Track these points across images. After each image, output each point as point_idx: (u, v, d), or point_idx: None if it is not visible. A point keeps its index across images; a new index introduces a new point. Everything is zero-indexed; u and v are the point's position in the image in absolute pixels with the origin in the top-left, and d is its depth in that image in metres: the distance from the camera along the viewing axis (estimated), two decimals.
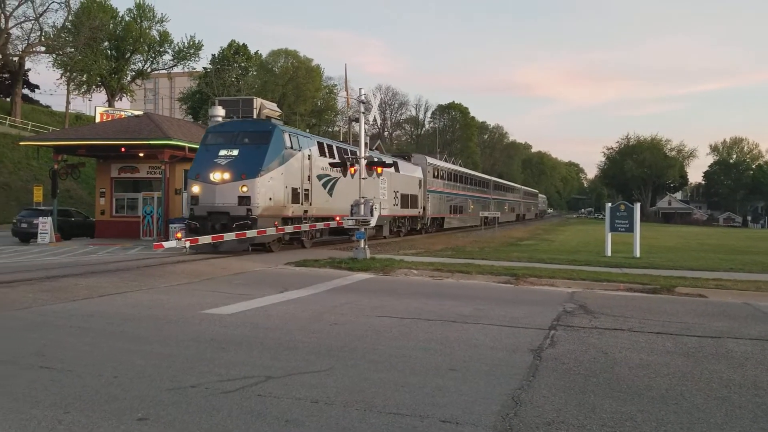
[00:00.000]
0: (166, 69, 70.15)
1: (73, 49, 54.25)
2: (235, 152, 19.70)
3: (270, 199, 19.50)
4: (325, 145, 24.11)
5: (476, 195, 52.98)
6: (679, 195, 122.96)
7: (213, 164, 19.59)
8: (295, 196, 20.91)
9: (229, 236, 18.90)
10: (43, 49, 53.69)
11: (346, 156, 22.19)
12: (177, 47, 67.39)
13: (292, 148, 20.78)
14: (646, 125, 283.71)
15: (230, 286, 12.38)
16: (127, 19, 64.05)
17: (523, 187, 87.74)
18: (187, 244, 15.71)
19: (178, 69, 70.47)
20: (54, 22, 54.50)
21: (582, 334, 8.20)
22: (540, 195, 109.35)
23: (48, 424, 4.42)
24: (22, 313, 8.96)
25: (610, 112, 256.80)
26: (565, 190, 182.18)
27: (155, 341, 7.34)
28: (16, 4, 47.16)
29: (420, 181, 35.58)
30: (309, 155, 21.90)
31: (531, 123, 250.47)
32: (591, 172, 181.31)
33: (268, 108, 22.30)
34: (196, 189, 19.63)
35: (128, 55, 65.02)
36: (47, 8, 52.46)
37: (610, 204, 23.08)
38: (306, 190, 21.69)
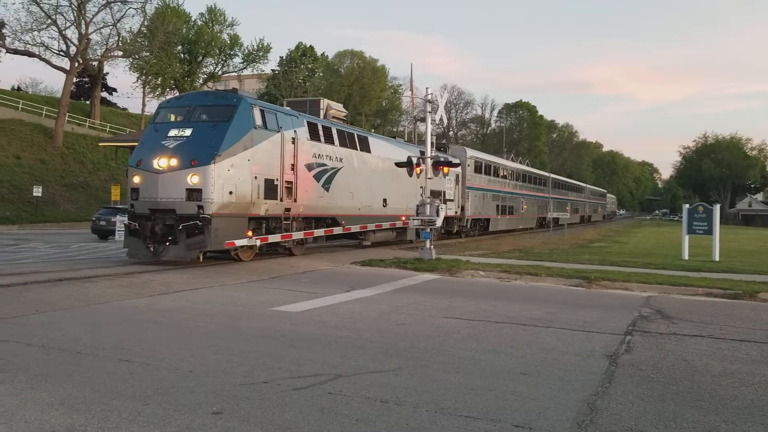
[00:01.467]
0: (236, 71, 71.89)
1: (148, 53, 56.34)
2: (188, 132, 15.01)
3: (230, 192, 14.89)
4: (320, 127, 19.06)
5: (531, 194, 47.29)
6: (760, 196, 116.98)
7: (159, 147, 14.94)
8: (269, 189, 16.25)
9: (318, 233, 18.89)
10: (120, 53, 55.98)
11: (348, 145, 19.86)
12: (246, 50, 69.01)
13: (265, 127, 16.09)
14: (725, 123, 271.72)
15: (298, 284, 12.55)
16: (199, 23, 66.03)
17: (588, 185, 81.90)
18: (258, 242, 15.83)
19: (247, 71, 72.11)
20: (131, 28, 56.64)
21: (660, 341, 7.88)
22: (609, 195, 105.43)
23: (128, 416, 4.56)
24: (102, 308, 9.33)
25: (686, 109, 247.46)
26: (637, 191, 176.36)
27: (227, 337, 7.50)
28: (96, 10, 49.30)
29: (457, 176, 30.54)
30: (294, 138, 17.19)
31: (602, 121, 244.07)
32: (665, 172, 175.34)
33: (335, 108, 22.50)
34: (136, 179, 15.15)
35: (200, 58, 67.00)
36: (124, 14, 54.85)
37: (687, 205, 22.17)
38: (288, 182, 16.99)
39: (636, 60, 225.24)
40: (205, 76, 70.12)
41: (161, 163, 14.74)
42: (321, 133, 18.94)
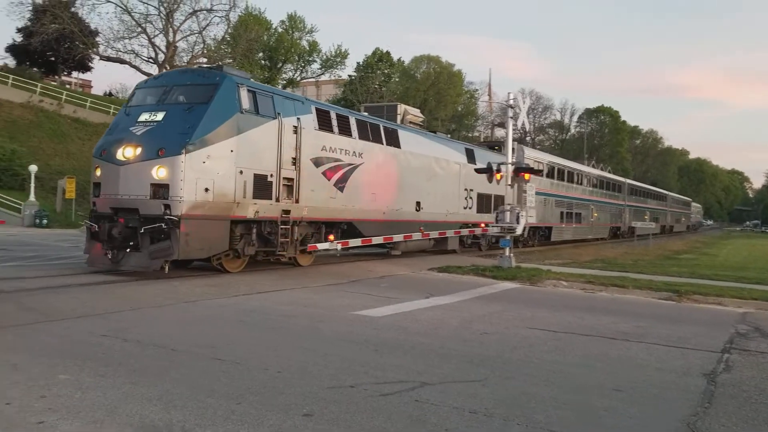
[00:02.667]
0: (314, 77, 73.30)
1: (231, 60, 58.21)
2: (160, 116, 12.63)
3: (206, 189, 12.30)
4: (334, 116, 16.10)
5: (603, 200, 42.72)
6: None
7: (126, 135, 12.66)
8: (261, 187, 13.55)
9: (416, 236, 18.25)
10: (205, 60, 58.09)
11: (361, 135, 16.85)
12: (324, 56, 70.20)
13: (257, 112, 13.44)
14: None
15: (377, 289, 12.60)
16: (279, 30, 67.72)
17: (671, 193, 76.61)
18: (339, 246, 15.87)
19: (325, 77, 73.36)
20: (215, 35, 58.76)
21: (761, 360, 7.45)
22: (694, 204, 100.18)
23: (223, 414, 4.67)
24: (191, 306, 9.65)
25: None
26: (726, 201, 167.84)
27: (312, 339, 7.59)
28: (183, 19, 51.35)
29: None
30: (297, 127, 14.45)
31: (689, 127, 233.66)
32: (757, 180, 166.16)
33: (412, 114, 22.51)
34: (98, 173, 12.96)
35: (280, 64, 68.69)
36: (209, 22, 56.68)
37: None
38: (287, 179, 14.28)
39: (728, 63, 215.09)
40: (285, 82, 71.86)
41: (126, 153, 12.28)
42: (334, 122, 16.01)
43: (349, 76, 70.59)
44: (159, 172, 12.01)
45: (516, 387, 5.83)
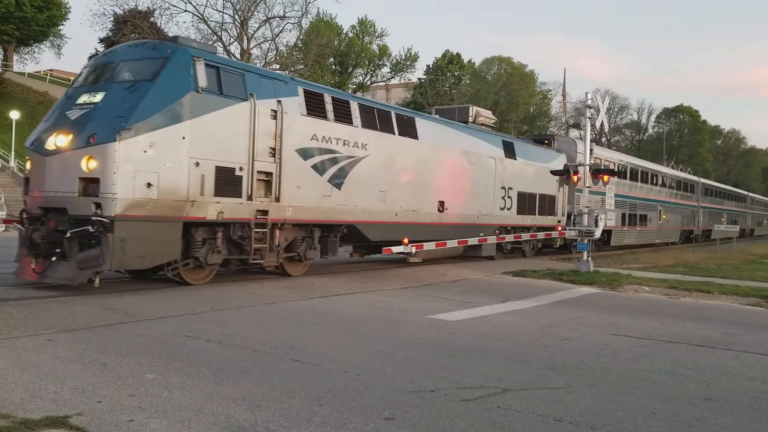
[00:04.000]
0: (384, 81, 73.71)
1: (303, 66, 59.29)
2: (98, 97, 10.59)
3: (149, 184, 10.13)
4: (329, 100, 13.64)
5: (673, 201, 38.13)
6: None
7: (60, 119, 10.74)
8: (226, 182, 11.26)
9: (472, 241, 17.04)
10: (277, 66, 59.39)
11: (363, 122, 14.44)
12: (395, 60, 70.49)
13: (219, 92, 11.17)
14: None
15: (451, 293, 12.48)
16: (350, 35, 68.50)
17: (752, 194, 69.36)
18: (413, 249, 15.69)
19: (394, 81, 73.68)
20: (287, 42, 59.97)
21: None
22: None
23: (305, 415, 4.69)
24: (269, 308, 9.82)
25: None
26: None
27: (388, 342, 7.57)
28: (257, 26, 52.71)
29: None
30: (276, 112, 12.12)
31: None
32: None
33: (484, 115, 22.20)
34: (28, 165, 11.29)
35: (350, 69, 69.47)
36: (282, 29, 57.94)
37: None
38: (264, 173, 11.98)
39: None
40: (355, 86, 72.58)
41: (58, 141, 10.25)
42: (329, 107, 13.50)
43: (419, 79, 70.63)
44: (89, 164, 9.83)
45: (601, 395, 5.62)
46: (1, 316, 7.79)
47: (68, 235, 9.86)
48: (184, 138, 10.58)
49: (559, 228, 21.06)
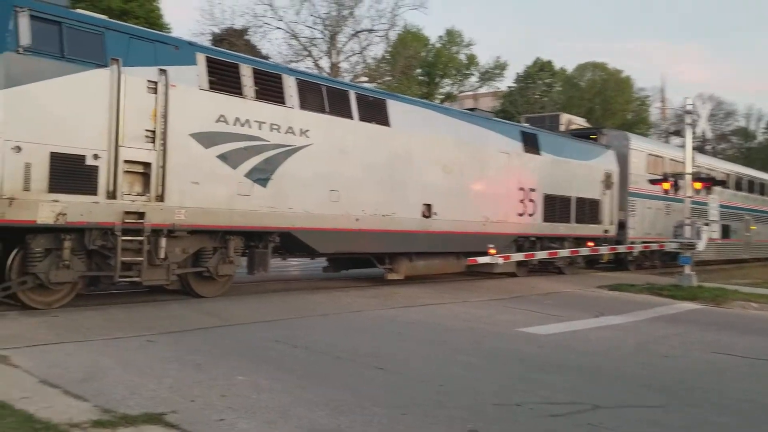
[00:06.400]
0: (472, 90, 73.22)
1: (390, 77, 59.89)
2: None
3: None
4: (248, 72, 10.74)
5: (763, 209, 30.58)
6: None
7: None
8: (69, 174, 8.56)
9: (563, 253, 16.44)
10: (365, 79, 60.29)
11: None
12: (483, 69, 69.92)
13: (59, 54, 8.57)
14: None
15: (541, 306, 12.13)
16: (437, 46, 68.61)
17: None
18: (500, 260, 15.38)
19: (483, 90, 73.05)
20: (375, 54, 60.84)
21: None
22: None
23: (388, 423, 4.68)
24: (354, 316, 9.90)
25: None
26: None
27: (474, 354, 7.44)
28: (345, 40, 53.80)
29: (608, 176, 19.20)
30: (157, 84, 9.43)
31: None
32: None
33: (576, 123, 21.51)
34: None
35: (438, 79, 69.48)
36: (370, 42, 58.96)
37: None
38: (136, 163, 9.25)
39: None
40: (443, 96, 72.45)
41: None
42: (247, 81, 10.64)
43: (509, 87, 69.73)
44: None
45: (702, 416, 5.29)
46: (106, 318, 8.29)
47: None
48: None
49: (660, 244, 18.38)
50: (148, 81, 9.33)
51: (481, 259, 14.39)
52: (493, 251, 14.48)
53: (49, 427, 4.18)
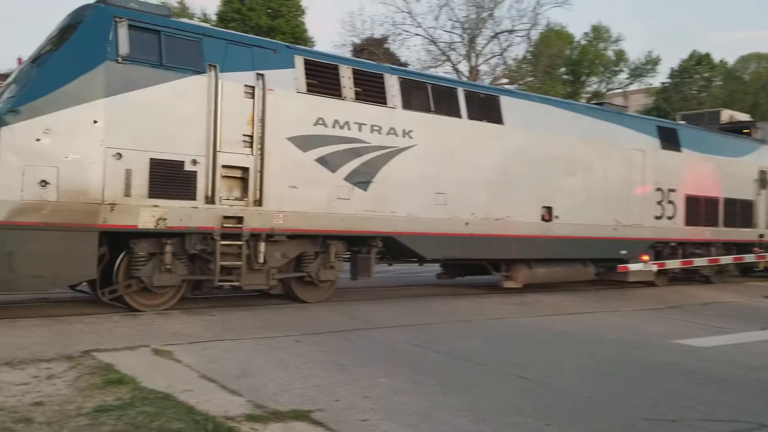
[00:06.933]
0: (621, 88, 69.75)
1: (532, 78, 58.50)
2: (12, 77, 9.12)
3: (44, 183, 7.94)
4: (347, 73, 10.51)
5: None
6: None
7: None
8: (168, 179, 8.76)
9: (725, 259, 15.15)
10: (506, 81, 59.34)
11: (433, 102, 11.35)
12: (633, 65, 66.36)
13: (158, 62, 8.73)
14: None
15: (700, 317, 11.25)
16: (582, 43, 66.05)
17: None
18: (655, 267, 14.29)
19: (633, 87, 69.32)
20: (516, 55, 59.60)
21: None
22: None
23: None
24: (497, 323, 9.73)
25: None
26: None
27: (624, 366, 7.05)
28: (485, 43, 53.24)
29: (763, 173, 17.44)
30: (255, 88, 9.47)
31: None
32: None
33: (739, 119, 19.75)
34: None
35: (583, 77, 66.86)
36: (510, 43, 57.95)
37: None
38: (234, 168, 9.35)
39: None
40: (589, 95, 69.62)
41: None
42: (347, 83, 10.42)
43: (662, 83, 65.63)
44: None
45: None
46: (256, 319, 8.80)
47: None
48: (96, 122, 8.24)
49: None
50: (245, 86, 9.41)
51: (633, 267, 13.56)
52: (646, 258, 13.61)
53: (208, 419, 4.49)
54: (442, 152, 11.42)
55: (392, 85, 10.97)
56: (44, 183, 7.92)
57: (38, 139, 7.89)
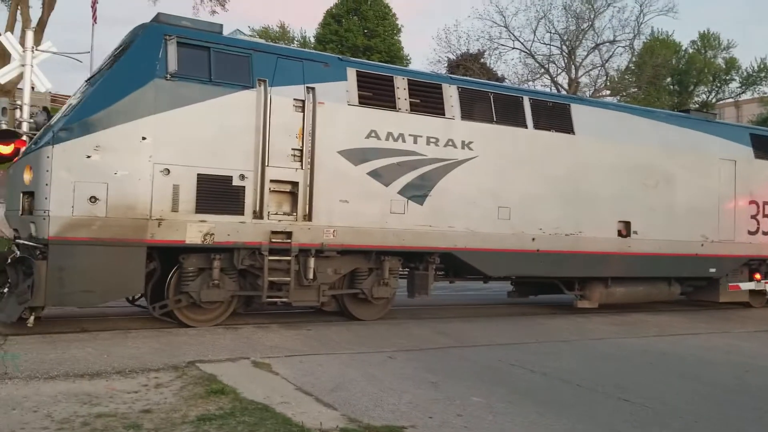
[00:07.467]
0: (732, 97, 65.96)
1: (636, 89, 56.36)
2: (76, 98, 9.18)
3: (94, 199, 8.06)
4: (402, 84, 10.16)
5: None
6: None
7: None
8: (216, 194, 8.72)
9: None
10: (608, 92, 57.47)
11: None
12: (745, 72, 62.64)
13: (208, 79, 8.75)
14: None
15: None
16: (690, 51, 63.06)
17: None
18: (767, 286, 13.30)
19: (746, 96, 65.36)
20: (618, 66, 57.66)
21: None
22: None
23: None
24: (597, 344, 9.39)
25: None
26: None
27: (734, 390, 6.63)
28: (585, 54, 51.79)
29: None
30: (305, 102, 9.31)
31: None
32: None
33: None
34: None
35: (691, 87, 63.74)
36: (612, 54, 56.15)
37: None
38: (283, 182, 9.18)
39: None
40: (697, 105, 66.25)
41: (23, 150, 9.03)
42: (402, 94, 10.10)
43: None
44: (26, 175, 8.29)
45: None
46: (357, 335, 8.91)
47: (8, 262, 8.42)
48: (144, 138, 8.31)
49: None
50: (295, 99, 9.25)
51: (745, 285, 12.70)
52: (758, 276, 12.72)
53: (303, 430, 4.61)
54: (505, 164, 10.88)
55: (451, 95, 10.56)
56: (94, 199, 8.02)
57: (89, 156, 8.02)
